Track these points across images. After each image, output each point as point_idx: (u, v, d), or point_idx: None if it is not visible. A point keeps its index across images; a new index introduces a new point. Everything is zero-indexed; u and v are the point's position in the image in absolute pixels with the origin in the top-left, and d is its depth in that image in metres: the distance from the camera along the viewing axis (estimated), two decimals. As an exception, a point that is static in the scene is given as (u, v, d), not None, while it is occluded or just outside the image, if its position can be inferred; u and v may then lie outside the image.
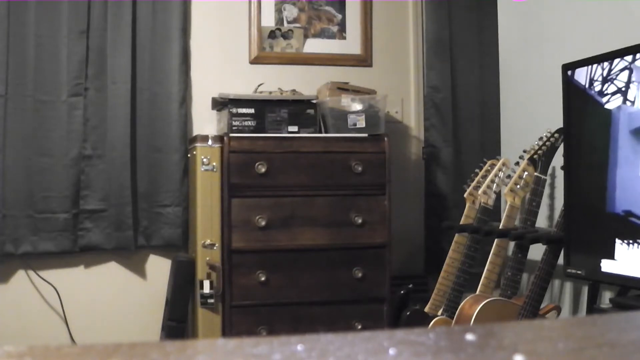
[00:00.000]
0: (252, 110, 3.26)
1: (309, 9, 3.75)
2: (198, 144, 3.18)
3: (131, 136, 3.40)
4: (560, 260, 2.22)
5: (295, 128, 3.29)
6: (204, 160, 3.16)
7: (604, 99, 1.94)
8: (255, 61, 3.67)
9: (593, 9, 2.43)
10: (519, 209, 2.59)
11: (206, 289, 3.11)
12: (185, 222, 3.46)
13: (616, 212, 1.89)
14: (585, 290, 2.42)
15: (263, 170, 3.16)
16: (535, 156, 2.45)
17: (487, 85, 3.66)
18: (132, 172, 3.40)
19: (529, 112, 2.82)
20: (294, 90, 3.53)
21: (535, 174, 2.45)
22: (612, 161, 1.91)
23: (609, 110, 1.92)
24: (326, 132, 3.36)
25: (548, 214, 2.67)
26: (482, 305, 2.35)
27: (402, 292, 2.97)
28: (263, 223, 3.16)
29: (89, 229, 3.38)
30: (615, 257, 1.91)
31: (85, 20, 3.36)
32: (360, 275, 3.24)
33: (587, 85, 2.01)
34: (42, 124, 3.33)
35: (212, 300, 3.11)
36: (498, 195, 2.72)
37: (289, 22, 3.72)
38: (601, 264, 1.95)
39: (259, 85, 3.51)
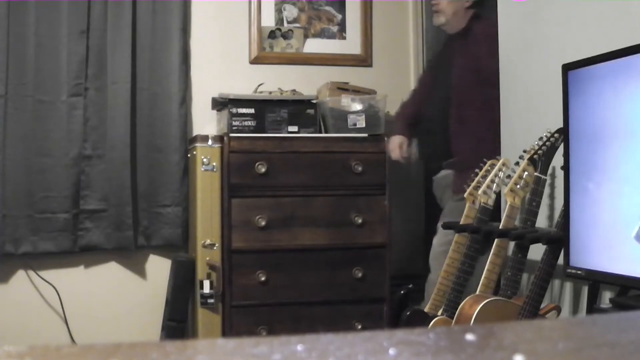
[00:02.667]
0: (252, 110, 3.26)
1: (309, 9, 3.75)
2: (198, 144, 3.19)
3: (131, 136, 3.40)
4: (560, 260, 2.22)
5: (295, 128, 3.29)
6: (204, 160, 3.16)
7: (602, 98, 1.94)
8: (255, 61, 3.67)
9: (593, 9, 2.43)
10: (519, 209, 2.59)
11: (206, 289, 3.11)
12: (185, 222, 3.46)
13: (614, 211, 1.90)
14: (585, 290, 2.42)
15: (263, 170, 3.16)
16: (535, 156, 2.45)
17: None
18: (132, 172, 3.40)
19: (529, 112, 2.82)
20: (294, 90, 3.53)
21: (535, 174, 2.45)
22: (609, 161, 1.91)
23: (606, 109, 1.92)
24: (326, 132, 3.36)
25: (548, 214, 2.67)
26: (482, 305, 2.35)
27: (402, 292, 2.97)
28: (263, 223, 3.16)
29: (89, 229, 3.38)
30: (616, 257, 1.91)
31: (85, 20, 3.36)
32: (360, 275, 3.24)
33: (586, 85, 2.01)
34: (42, 124, 3.33)
35: (212, 300, 3.11)
36: (498, 195, 2.72)
37: (289, 22, 3.72)
38: (601, 264, 1.95)
39: (259, 85, 3.52)
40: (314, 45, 3.75)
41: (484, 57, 2.96)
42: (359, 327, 3.25)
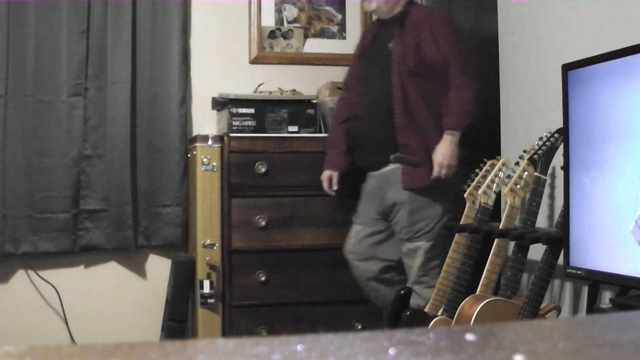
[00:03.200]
0: (252, 110, 3.26)
1: (309, 9, 3.75)
2: (198, 144, 3.19)
3: (131, 136, 3.40)
4: (560, 260, 2.22)
5: (295, 128, 3.29)
6: (204, 160, 3.16)
7: (602, 98, 1.94)
8: (255, 61, 3.67)
9: (593, 9, 2.43)
10: (519, 209, 2.59)
11: (206, 289, 3.11)
12: (185, 222, 3.46)
13: (615, 212, 1.90)
14: (585, 290, 2.42)
15: (263, 170, 3.16)
16: (535, 156, 2.45)
17: (487, 84, 3.65)
18: (132, 172, 3.40)
19: (529, 112, 2.82)
20: (294, 90, 3.53)
21: (535, 174, 2.45)
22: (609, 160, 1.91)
23: (606, 108, 1.92)
24: (326, 132, 3.35)
25: (548, 214, 2.67)
26: (482, 305, 2.35)
27: (402, 292, 2.97)
28: (263, 223, 3.16)
29: (89, 229, 3.38)
30: (616, 257, 1.91)
31: (85, 20, 3.36)
32: (360, 275, 3.23)
33: (586, 85, 2.01)
34: (42, 124, 3.33)
35: (212, 300, 3.11)
36: (498, 195, 2.72)
37: (289, 22, 3.72)
38: (601, 264, 1.95)
39: (259, 85, 3.51)
40: (314, 45, 3.75)
41: (426, 43, 2.86)
42: (359, 327, 3.24)
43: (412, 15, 2.93)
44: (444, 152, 2.81)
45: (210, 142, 3.18)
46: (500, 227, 2.55)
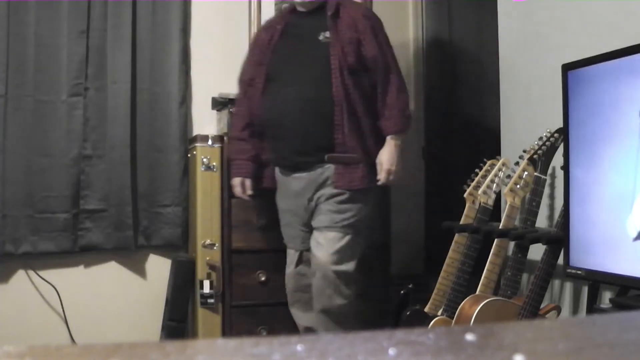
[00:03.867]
0: (252, 110, 3.25)
1: (309, 9, 3.74)
2: (198, 144, 3.19)
3: (131, 136, 3.40)
4: (560, 260, 2.22)
5: (295, 128, 3.28)
6: (204, 160, 3.16)
7: (602, 98, 1.94)
8: (255, 61, 3.67)
9: (593, 9, 2.43)
10: (519, 209, 2.59)
11: (206, 289, 3.11)
12: (185, 222, 3.46)
13: (613, 211, 1.90)
14: (585, 290, 2.42)
15: (263, 170, 3.16)
16: (535, 156, 2.45)
17: (487, 85, 3.66)
18: (132, 172, 3.40)
19: (529, 112, 2.82)
20: (294, 90, 3.52)
21: (535, 174, 2.45)
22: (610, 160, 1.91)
23: (606, 109, 1.92)
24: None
25: (548, 214, 2.67)
26: (482, 305, 2.35)
27: (402, 292, 2.97)
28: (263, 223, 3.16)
29: (89, 228, 3.38)
30: (616, 257, 1.91)
31: (85, 20, 3.36)
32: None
33: (586, 85, 2.01)
34: (42, 124, 3.33)
35: (212, 300, 3.11)
36: (498, 195, 2.72)
37: (289, 22, 3.71)
38: (601, 264, 1.95)
39: (259, 85, 3.51)
40: (314, 45, 3.74)
41: (367, 40, 2.76)
42: (358, 327, 3.24)
43: (347, 9, 2.82)
44: (390, 158, 2.77)
45: (210, 142, 3.18)
46: (500, 227, 2.55)
